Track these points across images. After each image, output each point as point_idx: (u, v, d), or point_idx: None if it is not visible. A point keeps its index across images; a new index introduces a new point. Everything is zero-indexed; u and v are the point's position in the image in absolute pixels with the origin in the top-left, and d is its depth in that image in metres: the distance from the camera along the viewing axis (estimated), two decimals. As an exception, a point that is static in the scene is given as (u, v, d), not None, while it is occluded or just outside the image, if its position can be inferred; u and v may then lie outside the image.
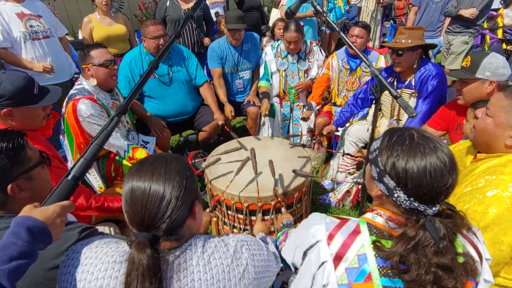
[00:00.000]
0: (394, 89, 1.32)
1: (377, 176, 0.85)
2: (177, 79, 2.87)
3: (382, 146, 0.84)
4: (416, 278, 0.74)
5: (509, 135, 1.13)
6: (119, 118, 0.96)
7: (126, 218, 0.80)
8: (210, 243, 0.86)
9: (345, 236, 0.83)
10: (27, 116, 1.50)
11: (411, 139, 0.80)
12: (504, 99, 1.14)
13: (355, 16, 5.34)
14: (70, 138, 2.00)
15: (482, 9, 3.69)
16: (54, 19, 3.02)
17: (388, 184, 0.81)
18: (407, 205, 0.80)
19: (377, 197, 0.89)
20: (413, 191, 0.78)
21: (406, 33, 2.20)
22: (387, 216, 0.85)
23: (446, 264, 0.74)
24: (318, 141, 3.14)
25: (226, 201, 2.07)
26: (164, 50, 1.07)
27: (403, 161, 0.78)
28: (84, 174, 0.88)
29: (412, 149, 0.78)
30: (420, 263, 0.74)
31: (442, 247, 0.75)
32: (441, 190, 0.77)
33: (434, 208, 0.79)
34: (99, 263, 0.80)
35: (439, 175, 0.76)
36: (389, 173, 0.80)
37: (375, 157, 0.85)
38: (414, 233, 0.77)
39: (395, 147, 0.81)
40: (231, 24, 2.92)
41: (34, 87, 1.50)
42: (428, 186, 0.76)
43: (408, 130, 0.84)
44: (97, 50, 1.99)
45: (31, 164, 1.01)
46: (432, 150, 0.78)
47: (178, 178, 0.80)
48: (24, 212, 0.76)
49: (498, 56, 1.70)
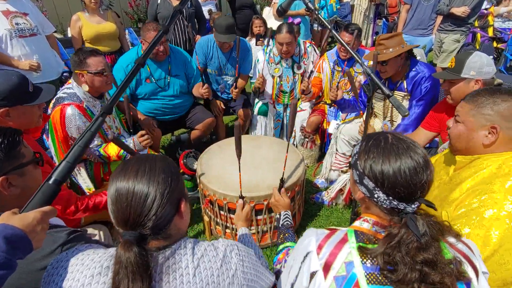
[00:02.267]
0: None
1: (358, 179, 0.89)
2: (174, 83, 2.81)
3: (360, 150, 0.89)
4: (402, 278, 0.76)
5: (485, 134, 1.19)
6: (103, 119, 0.92)
7: (112, 218, 0.79)
8: (200, 247, 0.85)
9: (333, 245, 0.85)
10: (24, 115, 1.50)
11: (386, 141, 0.86)
12: (467, 105, 1.24)
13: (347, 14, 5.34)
14: (53, 140, 1.97)
15: (474, 7, 3.72)
16: (41, 17, 2.95)
17: (368, 186, 0.86)
18: (387, 205, 0.84)
19: (361, 200, 0.93)
20: (391, 189, 0.82)
21: (384, 43, 2.19)
22: (373, 221, 0.88)
23: (430, 259, 0.76)
24: (311, 139, 3.13)
25: (218, 201, 2.05)
26: (151, 46, 1.04)
27: (378, 162, 0.83)
28: (66, 178, 0.85)
29: (387, 150, 0.84)
30: (406, 261, 0.76)
31: (424, 242, 0.77)
32: (417, 187, 0.81)
33: (413, 205, 0.82)
34: (85, 269, 0.78)
35: (413, 172, 0.80)
36: (368, 175, 0.85)
37: (355, 161, 0.90)
38: (396, 231, 0.79)
39: (371, 150, 0.86)
40: (220, 36, 2.81)
41: (28, 85, 1.50)
42: (404, 184, 0.80)
43: (383, 134, 0.89)
44: (94, 58, 1.95)
45: (25, 160, 1.02)
46: (405, 150, 0.83)
47: (163, 176, 0.80)
48: (1, 220, 0.72)
49: (481, 54, 1.72)
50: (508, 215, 1.04)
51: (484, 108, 1.19)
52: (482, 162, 1.19)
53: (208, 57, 3.05)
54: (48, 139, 2.03)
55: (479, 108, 1.20)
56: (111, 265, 0.77)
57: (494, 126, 1.17)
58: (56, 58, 3.02)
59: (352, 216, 1.76)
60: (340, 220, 2.51)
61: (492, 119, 1.17)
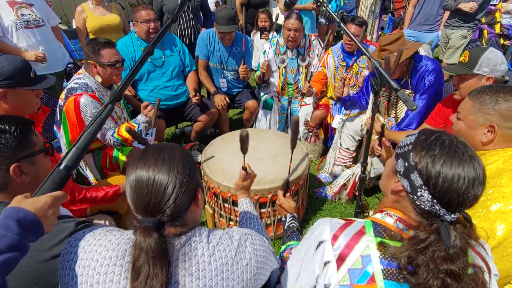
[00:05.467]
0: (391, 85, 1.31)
1: (403, 170, 0.83)
2: (169, 63, 2.84)
3: (417, 142, 0.82)
4: (423, 282, 0.73)
5: (483, 132, 1.21)
6: (113, 106, 0.93)
7: (130, 204, 0.80)
8: (215, 235, 0.86)
9: (350, 236, 0.82)
10: (21, 99, 1.50)
11: (451, 142, 0.79)
12: (470, 102, 1.25)
13: (353, 9, 5.29)
14: (66, 131, 1.97)
15: (481, 3, 3.67)
16: (47, 8, 2.95)
17: (415, 181, 0.79)
18: (427, 206, 0.78)
19: (394, 193, 0.87)
20: (441, 193, 0.76)
21: (388, 49, 2.16)
22: (397, 217, 0.84)
23: (456, 272, 0.73)
24: (315, 134, 3.13)
25: (222, 193, 2.06)
26: (160, 34, 1.04)
27: (439, 162, 0.76)
28: (77, 164, 0.86)
29: (451, 153, 0.77)
30: (429, 266, 0.73)
31: (453, 253, 0.73)
32: (469, 199, 0.76)
33: (453, 215, 0.77)
34: (103, 250, 0.79)
35: (471, 184, 0.75)
36: (420, 171, 0.78)
37: (406, 152, 0.83)
38: (425, 236, 0.75)
39: (432, 146, 0.79)
40: (220, 27, 2.81)
41: (30, 71, 1.52)
42: (458, 192, 0.75)
43: (446, 134, 0.82)
44: (108, 49, 1.96)
45: (36, 149, 1.05)
46: (470, 158, 0.77)
47: (182, 165, 0.81)
48: (14, 203, 0.73)
49: (496, 51, 1.68)
50: None
51: (486, 106, 1.20)
52: (488, 158, 1.20)
53: (210, 51, 3.05)
54: (59, 130, 2.04)
55: (481, 106, 1.21)
56: (128, 248, 0.79)
57: (493, 125, 1.18)
58: (61, 49, 3.03)
59: (356, 210, 1.76)
60: (343, 214, 2.52)
61: (492, 118, 1.18)
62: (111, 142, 2.03)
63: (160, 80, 2.84)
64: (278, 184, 1.98)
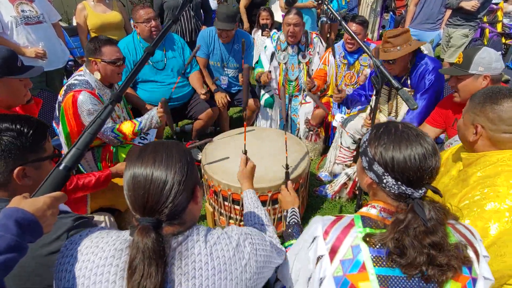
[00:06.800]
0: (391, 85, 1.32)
1: (367, 165, 0.91)
2: (171, 65, 2.82)
3: (370, 138, 0.92)
4: (411, 261, 0.78)
5: (472, 131, 1.24)
6: (113, 106, 0.92)
7: (128, 203, 0.79)
8: (213, 234, 0.86)
9: (340, 230, 0.87)
10: (9, 89, 1.50)
11: (396, 129, 0.89)
12: (469, 100, 1.28)
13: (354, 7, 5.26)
14: (64, 126, 1.97)
15: (483, 2, 3.65)
16: (47, 4, 2.94)
17: (378, 171, 0.88)
18: (395, 190, 0.86)
19: (369, 187, 0.95)
20: (400, 174, 0.84)
21: (391, 41, 2.15)
22: (381, 207, 0.90)
23: (437, 242, 0.79)
24: (316, 132, 3.12)
25: (222, 191, 2.06)
26: (161, 35, 1.04)
27: (389, 148, 0.85)
28: (76, 164, 0.86)
29: (398, 137, 0.86)
30: (414, 245, 0.78)
31: (431, 225, 0.79)
32: (425, 172, 0.83)
33: (420, 191, 0.85)
34: (100, 251, 0.79)
35: (422, 158, 0.83)
36: (378, 161, 0.87)
37: (365, 148, 0.92)
38: (403, 216, 0.81)
39: (382, 137, 0.88)
40: (218, 23, 2.80)
41: (17, 60, 1.51)
42: (413, 169, 0.83)
43: (393, 123, 0.92)
44: (109, 47, 1.96)
45: (45, 155, 1.04)
46: (416, 137, 0.86)
47: (180, 164, 0.80)
48: (13, 204, 0.73)
49: (490, 50, 1.70)
50: (509, 208, 1.05)
51: (475, 107, 1.23)
52: (487, 159, 1.20)
53: (211, 49, 3.04)
54: (58, 126, 2.04)
55: (472, 105, 1.24)
56: (125, 248, 0.78)
57: (477, 125, 1.21)
58: (61, 46, 3.02)
59: (357, 209, 1.76)
60: (343, 213, 2.52)
61: (479, 119, 1.21)
62: (109, 137, 2.03)
63: (163, 83, 2.82)
64: (278, 183, 1.98)
